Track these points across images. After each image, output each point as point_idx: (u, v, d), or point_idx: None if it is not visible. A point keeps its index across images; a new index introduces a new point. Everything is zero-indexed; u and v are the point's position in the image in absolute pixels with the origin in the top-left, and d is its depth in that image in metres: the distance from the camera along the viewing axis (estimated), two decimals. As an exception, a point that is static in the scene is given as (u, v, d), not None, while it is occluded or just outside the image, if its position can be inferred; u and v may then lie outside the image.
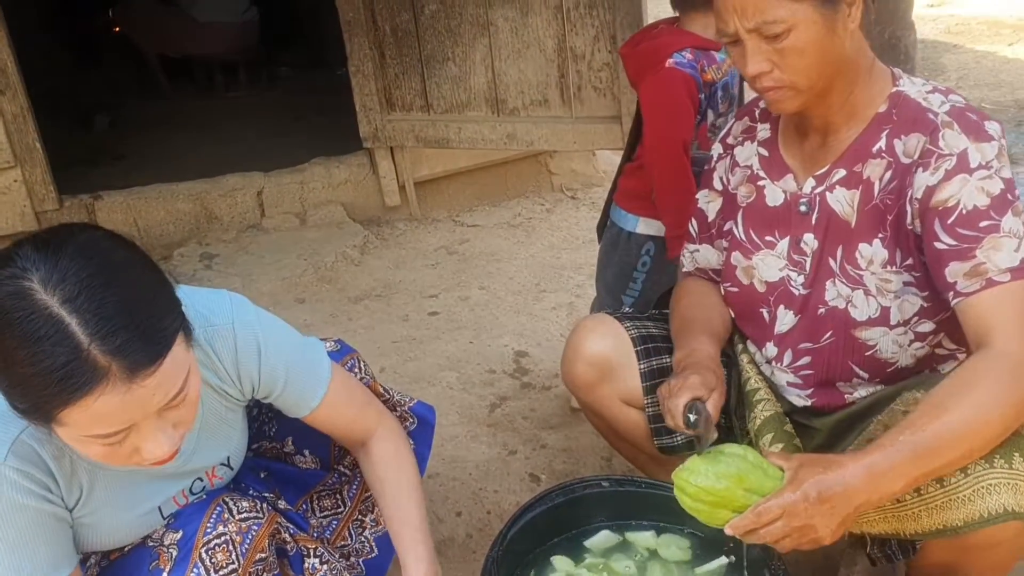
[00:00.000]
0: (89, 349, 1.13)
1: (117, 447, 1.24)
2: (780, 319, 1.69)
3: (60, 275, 1.15)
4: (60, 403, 1.15)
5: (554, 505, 1.69)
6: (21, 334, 1.13)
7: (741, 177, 1.76)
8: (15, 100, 3.44)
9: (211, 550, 1.46)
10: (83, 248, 1.20)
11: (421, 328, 3.25)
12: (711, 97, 2.30)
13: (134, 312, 1.18)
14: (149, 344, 1.18)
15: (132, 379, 1.16)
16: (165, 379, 1.20)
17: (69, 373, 1.13)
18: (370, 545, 1.75)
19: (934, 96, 1.54)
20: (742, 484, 1.43)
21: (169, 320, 1.23)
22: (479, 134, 3.71)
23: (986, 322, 1.44)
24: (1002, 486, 1.39)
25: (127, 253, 1.24)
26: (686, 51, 2.22)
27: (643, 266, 2.44)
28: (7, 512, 1.29)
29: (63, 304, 1.14)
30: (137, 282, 1.22)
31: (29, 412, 1.21)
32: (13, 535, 1.30)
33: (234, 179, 3.98)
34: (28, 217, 3.59)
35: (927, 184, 1.48)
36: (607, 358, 1.89)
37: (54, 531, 1.35)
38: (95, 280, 1.16)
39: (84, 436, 1.21)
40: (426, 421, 1.81)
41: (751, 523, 1.40)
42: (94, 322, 1.14)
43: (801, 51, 1.47)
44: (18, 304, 1.14)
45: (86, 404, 1.15)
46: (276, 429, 1.76)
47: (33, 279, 1.15)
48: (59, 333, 1.13)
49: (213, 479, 1.56)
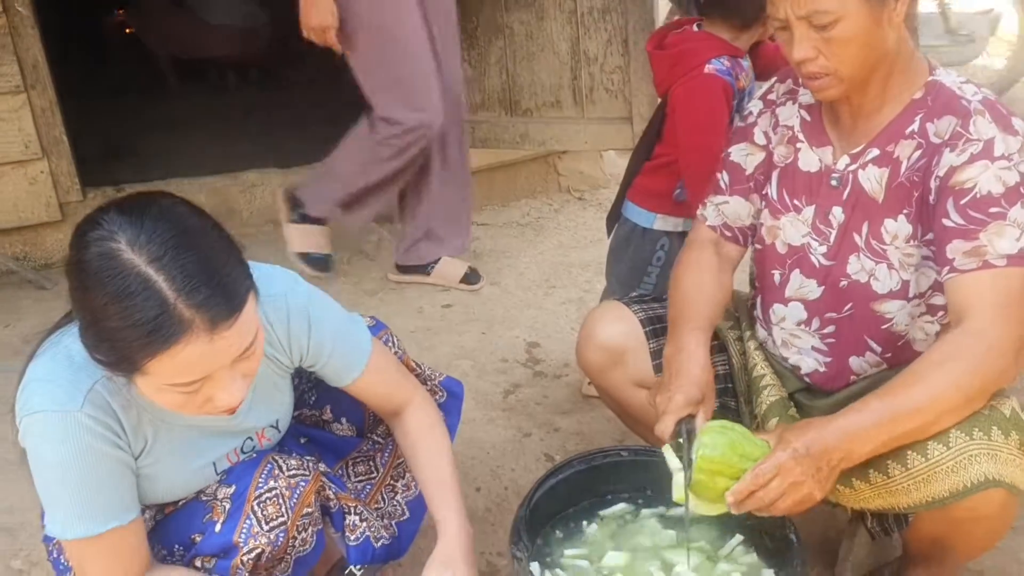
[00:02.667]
0: (175, 303, 1.25)
1: (193, 395, 1.36)
2: (793, 283, 1.79)
3: (146, 237, 1.26)
4: (149, 353, 1.27)
5: (576, 472, 1.80)
6: (112, 291, 1.25)
7: (781, 136, 1.83)
8: (44, 95, 3.54)
9: (263, 503, 1.57)
10: (164, 212, 1.31)
11: (435, 320, 3.36)
12: (740, 103, 2.36)
13: (213, 271, 1.29)
14: (228, 300, 1.30)
15: (213, 331, 1.28)
16: (240, 332, 1.32)
17: (158, 325, 1.25)
18: (402, 508, 1.87)
19: (968, 86, 1.63)
20: (735, 451, 1.54)
21: (243, 279, 1.35)
22: (493, 134, 3.83)
23: (970, 300, 1.54)
24: (982, 456, 1.50)
25: (201, 219, 1.36)
26: (724, 58, 2.29)
27: (658, 260, 2.53)
28: (83, 455, 1.40)
29: (150, 263, 1.25)
30: (214, 244, 1.34)
31: (116, 364, 1.32)
32: (88, 476, 1.41)
33: (252, 175, 4.08)
34: (53, 208, 3.69)
35: (951, 164, 1.57)
36: (618, 343, 2.00)
37: (123, 476, 1.47)
38: (178, 241, 1.28)
39: (165, 385, 1.33)
40: (455, 394, 1.92)
41: (750, 485, 1.51)
42: (179, 279, 1.26)
43: (847, 41, 1.55)
44: (108, 264, 1.25)
45: (173, 353, 1.27)
46: (315, 398, 1.87)
47: (120, 241, 1.26)
48: (148, 290, 1.24)
49: (262, 440, 1.67)
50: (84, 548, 1.46)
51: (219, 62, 6.63)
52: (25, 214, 3.65)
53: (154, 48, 6.66)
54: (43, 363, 1.44)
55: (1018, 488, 1.53)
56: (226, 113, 6.10)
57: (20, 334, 3.24)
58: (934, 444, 1.52)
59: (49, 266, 3.79)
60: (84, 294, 1.29)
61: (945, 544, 1.74)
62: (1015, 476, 1.52)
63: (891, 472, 1.57)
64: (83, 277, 1.28)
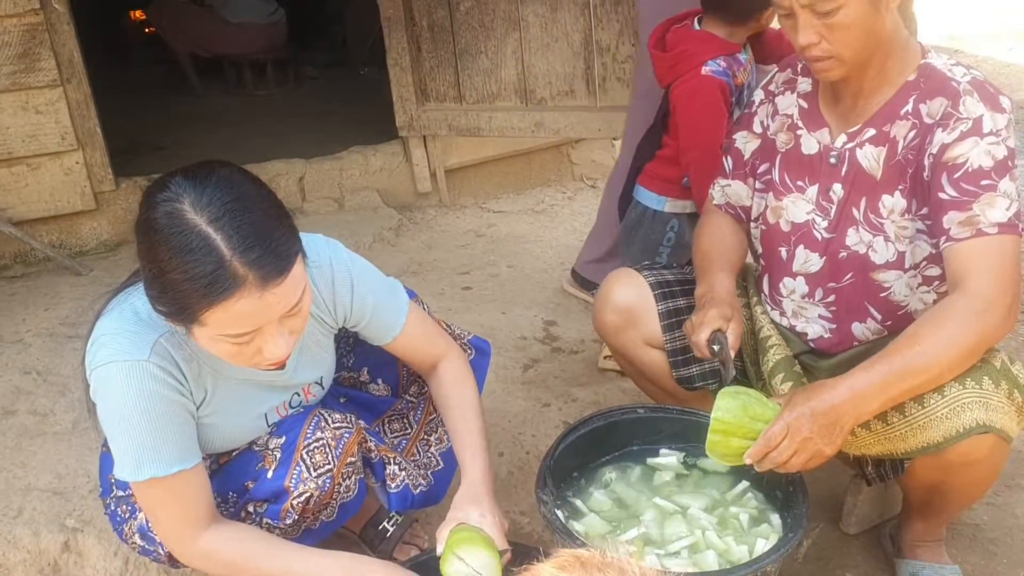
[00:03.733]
0: (231, 260, 1.38)
1: (244, 347, 1.49)
2: (799, 258, 1.91)
3: (207, 200, 1.40)
4: (205, 305, 1.40)
5: (595, 428, 1.93)
6: (175, 247, 1.38)
7: (780, 124, 1.96)
8: (79, 88, 3.69)
9: (311, 452, 1.71)
10: (224, 179, 1.45)
11: (456, 301, 3.49)
12: (739, 97, 2.50)
13: (266, 233, 1.43)
14: (278, 259, 1.43)
15: (264, 287, 1.41)
16: (288, 290, 1.45)
17: (215, 279, 1.38)
18: (436, 459, 2.00)
19: (957, 68, 1.75)
20: (747, 412, 1.67)
21: (292, 242, 1.48)
22: (509, 123, 3.97)
23: (966, 266, 1.65)
24: (974, 404, 1.63)
25: (256, 186, 1.50)
26: (720, 59, 2.41)
27: (668, 241, 2.68)
28: (150, 401, 1.53)
29: (209, 223, 1.39)
30: (268, 209, 1.47)
31: (176, 314, 1.46)
32: (155, 421, 1.54)
33: (278, 165, 4.24)
34: (88, 197, 3.84)
35: (943, 142, 1.69)
36: (631, 305, 2.13)
37: (186, 422, 1.60)
38: (235, 205, 1.41)
39: (219, 335, 1.46)
40: (483, 351, 2.06)
41: (763, 447, 1.64)
42: (235, 239, 1.39)
43: (848, 27, 1.66)
44: (172, 222, 1.39)
45: (227, 306, 1.40)
46: (353, 361, 2.01)
47: (184, 202, 1.40)
48: (207, 247, 1.38)
49: (308, 395, 1.81)
50: (153, 489, 1.58)
51: (237, 59, 6.77)
52: (61, 203, 3.81)
53: (174, 46, 6.80)
54: (111, 319, 1.58)
55: (1007, 433, 1.66)
56: (245, 108, 6.27)
57: (59, 317, 3.38)
58: (930, 393, 1.65)
59: (84, 253, 3.94)
60: (151, 249, 1.43)
61: (941, 490, 1.85)
62: (1004, 422, 1.65)
63: (890, 420, 1.70)
64: (151, 233, 1.42)
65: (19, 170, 3.69)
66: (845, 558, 2.13)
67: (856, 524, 2.18)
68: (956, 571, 1.99)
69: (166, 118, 5.90)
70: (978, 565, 2.09)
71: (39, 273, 3.79)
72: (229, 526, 1.67)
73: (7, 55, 3.51)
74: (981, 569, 2.08)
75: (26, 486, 2.38)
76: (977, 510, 2.23)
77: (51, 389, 2.87)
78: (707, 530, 1.72)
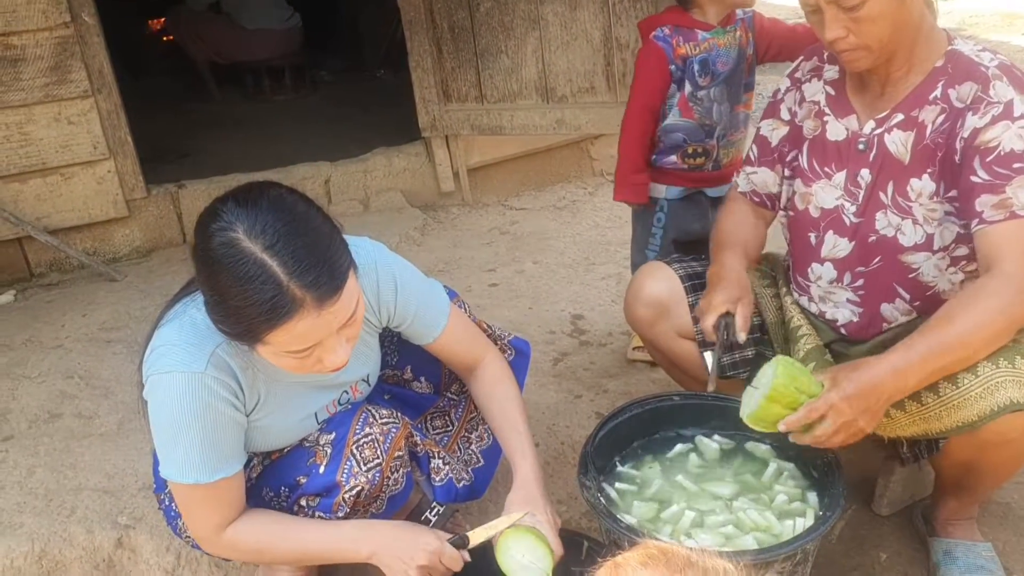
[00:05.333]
0: (289, 285, 1.43)
1: (305, 359, 1.55)
2: (828, 243, 1.95)
3: (260, 227, 1.44)
4: (267, 328, 1.46)
5: (633, 415, 1.99)
6: (234, 276, 1.44)
7: (808, 111, 2.00)
8: (110, 98, 3.77)
9: (360, 447, 1.77)
10: (274, 202, 1.49)
11: (483, 297, 3.55)
12: (686, 70, 2.56)
13: (319, 253, 1.47)
14: (332, 278, 1.48)
15: (321, 306, 1.47)
16: (344, 305, 1.51)
17: (274, 305, 1.43)
18: (477, 456, 2.06)
19: (984, 54, 1.78)
20: (793, 383, 1.71)
21: (344, 258, 1.53)
22: (530, 121, 4.02)
23: (999, 248, 1.69)
24: (1008, 383, 1.66)
25: (306, 205, 1.54)
26: (666, 27, 2.56)
27: (658, 222, 2.78)
28: (203, 413, 1.60)
29: (265, 251, 1.43)
30: (318, 229, 1.51)
31: (240, 335, 1.52)
32: (206, 432, 1.61)
33: (304, 168, 4.30)
34: (120, 205, 3.92)
35: (975, 126, 1.72)
36: (662, 298, 2.18)
37: (235, 433, 1.67)
38: (288, 229, 1.46)
39: (281, 352, 1.52)
40: (522, 352, 2.11)
41: (803, 418, 1.69)
42: (291, 263, 1.44)
43: (874, 19, 1.70)
44: (229, 252, 1.44)
45: (288, 328, 1.46)
46: (397, 359, 2.06)
47: (239, 231, 1.44)
48: (264, 274, 1.43)
49: (356, 393, 1.88)
50: (193, 492, 1.66)
51: (255, 65, 6.83)
52: (94, 211, 3.89)
53: (192, 54, 6.86)
54: (170, 329, 1.64)
55: None
56: (264, 113, 6.33)
57: (97, 322, 3.46)
58: (963, 373, 1.69)
59: (117, 260, 4.02)
60: (210, 277, 1.48)
61: (975, 469, 1.89)
62: None
63: (925, 400, 1.74)
64: (208, 263, 1.47)
65: (53, 180, 3.77)
66: (878, 538, 2.18)
67: (888, 506, 2.23)
68: (988, 548, 2.03)
69: (187, 126, 5.95)
70: (1010, 542, 2.14)
71: (75, 280, 3.87)
72: (248, 514, 1.74)
73: (40, 68, 3.59)
74: (1013, 546, 2.13)
75: (77, 486, 2.45)
76: (1008, 488, 2.27)
77: (94, 392, 2.95)
78: (747, 510, 1.77)
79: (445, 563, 1.70)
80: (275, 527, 1.73)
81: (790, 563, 1.65)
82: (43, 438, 2.68)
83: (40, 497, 2.40)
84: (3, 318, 3.55)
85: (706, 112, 2.60)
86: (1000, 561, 2.02)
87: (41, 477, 2.49)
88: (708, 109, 2.60)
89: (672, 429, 2.01)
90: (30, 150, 3.70)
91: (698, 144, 2.64)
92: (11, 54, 3.55)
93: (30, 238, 3.77)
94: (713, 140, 2.64)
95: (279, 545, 1.73)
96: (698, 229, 2.77)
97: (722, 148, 2.67)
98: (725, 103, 2.61)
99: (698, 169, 2.69)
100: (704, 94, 2.59)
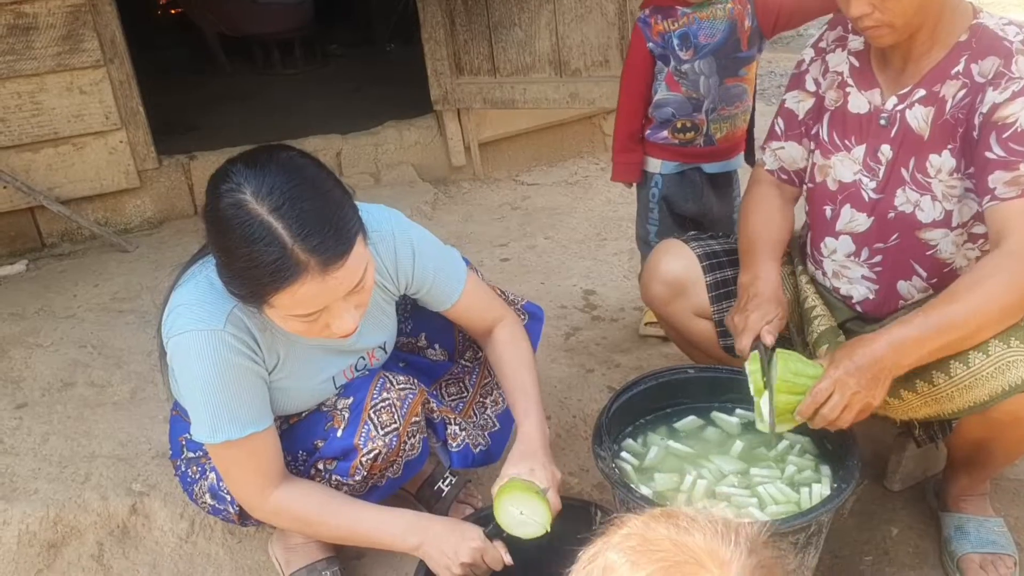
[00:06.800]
0: (293, 248, 1.43)
1: (313, 323, 1.55)
2: (844, 217, 1.94)
3: (268, 188, 1.44)
4: (271, 290, 1.47)
5: (648, 387, 1.99)
6: (240, 236, 1.44)
7: (831, 81, 1.98)
8: (121, 68, 3.76)
9: (378, 411, 1.78)
10: (284, 165, 1.49)
11: (495, 272, 3.54)
12: (666, 45, 2.57)
13: (326, 217, 1.47)
14: (338, 243, 1.48)
15: (326, 271, 1.46)
16: (350, 270, 1.51)
17: (278, 267, 1.44)
18: (492, 420, 2.07)
19: (1010, 28, 1.76)
20: (788, 368, 1.72)
21: (352, 224, 1.52)
22: (543, 94, 4.00)
23: (1009, 224, 1.67)
24: (1019, 362, 1.65)
25: (317, 169, 1.54)
26: (647, 9, 2.60)
27: (653, 197, 2.79)
28: (226, 368, 1.61)
29: (271, 212, 1.43)
30: (327, 193, 1.51)
31: (246, 297, 1.53)
32: (230, 387, 1.62)
33: (315, 141, 4.28)
34: (132, 175, 3.91)
35: (994, 101, 1.70)
36: (679, 277, 2.17)
37: (259, 387, 1.67)
38: (295, 192, 1.45)
39: (288, 315, 1.53)
40: (536, 316, 2.12)
41: (812, 403, 1.69)
42: (296, 227, 1.44)
43: None
44: (236, 212, 1.44)
45: (292, 291, 1.46)
46: (412, 327, 2.07)
47: (246, 192, 1.44)
48: (269, 235, 1.43)
49: (372, 359, 1.88)
50: (228, 451, 1.66)
51: (265, 38, 6.81)
52: (106, 181, 3.89)
53: (201, 26, 6.85)
54: (187, 290, 1.65)
55: None
56: (274, 86, 6.31)
57: (109, 292, 3.47)
58: (975, 353, 1.67)
59: (129, 230, 4.02)
60: (218, 238, 1.49)
61: (986, 447, 1.89)
62: None
63: (936, 381, 1.73)
64: (217, 223, 1.48)
65: (65, 150, 3.77)
66: (890, 513, 2.19)
67: (900, 481, 2.23)
68: (1000, 523, 2.03)
69: (196, 98, 5.94)
70: (1021, 518, 2.14)
71: (86, 250, 3.88)
72: (299, 484, 1.75)
73: (52, 37, 3.58)
74: (1024, 522, 2.14)
75: (91, 453, 2.46)
76: (1020, 465, 2.27)
77: (107, 362, 2.96)
78: (764, 483, 1.77)
79: (488, 562, 1.71)
80: (328, 501, 1.74)
81: (804, 534, 1.65)
82: (56, 406, 2.70)
83: (54, 464, 2.41)
84: (16, 287, 3.56)
85: (692, 85, 2.59)
86: (1012, 536, 2.02)
87: (55, 444, 2.50)
88: (695, 82, 2.59)
89: (687, 401, 2.02)
90: (42, 119, 3.69)
91: (686, 119, 2.64)
92: (23, 22, 3.54)
93: (42, 208, 3.78)
94: (701, 114, 2.63)
95: (328, 520, 1.73)
96: (693, 209, 2.78)
97: (712, 122, 2.65)
98: (714, 76, 2.58)
99: (689, 144, 2.68)
100: (688, 67, 2.58)
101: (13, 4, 3.50)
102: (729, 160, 2.76)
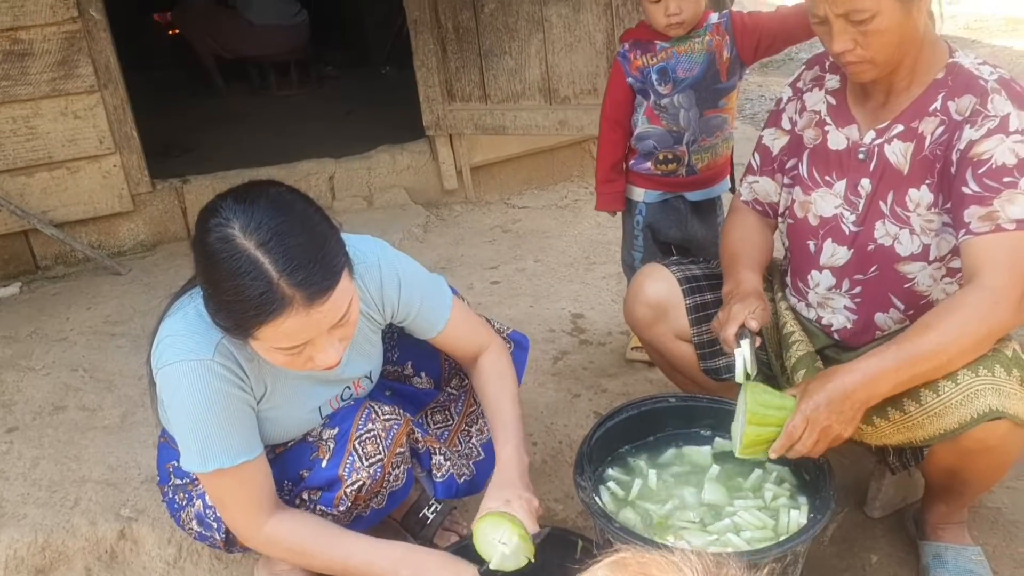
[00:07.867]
0: (279, 283, 1.46)
1: (296, 356, 1.58)
2: (826, 251, 1.98)
3: (256, 224, 1.47)
4: (256, 323, 1.50)
5: (629, 416, 2.01)
6: (227, 270, 1.47)
7: (808, 120, 2.02)
8: (116, 93, 3.81)
9: (362, 442, 1.81)
10: (273, 201, 1.53)
11: (485, 295, 3.58)
12: (645, 80, 2.62)
13: (312, 253, 1.50)
14: (323, 279, 1.50)
15: (311, 305, 1.49)
16: (335, 305, 1.53)
17: (263, 301, 1.46)
18: (477, 449, 2.10)
19: (984, 67, 1.80)
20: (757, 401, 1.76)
21: (338, 259, 1.55)
22: (533, 121, 4.05)
23: (981, 260, 1.71)
24: (987, 391, 1.69)
25: (304, 205, 1.57)
26: (626, 43, 2.66)
27: (638, 225, 2.84)
28: (216, 397, 1.63)
29: (258, 247, 1.47)
30: (314, 229, 1.54)
31: (231, 329, 1.56)
32: (220, 416, 1.64)
33: (308, 165, 4.33)
34: (125, 199, 3.95)
35: (971, 138, 1.74)
36: (662, 300, 2.21)
37: (249, 416, 1.70)
38: (283, 227, 1.49)
39: (272, 348, 1.56)
40: (521, 345, 2.14)
41: (787, 440, 1.73)
42: (282, 262, 1.47)
43: (882, 33, 1.71)
44: (224, 247, 1.47)
45: (276, 324, 1.49)
46: (398, 355, 2.10)
47: (235, 227, 1.48)
48: (255, 270, 1.46)
49: (358, 388, 1.91)
50: (221, 480, 1.68)
51: (261, 60, 6.86)
52: (100, 205, 3.93)
53: (198, 48, 6.89)
54: (176, 320, 1.67)
55: (1020, 419, 1.71)
56: (269, 108, 6.36)
57: (102, 315, 3.50)
58: (944, 382, 1.71)
59: (122, 253, 4.06)
60: (205, 270, 1.52)
61: (959, 475, 1.91)
62: (1017, 408, 1.70)
63: (907, 409, 1.76)
64: (205, 256, 1.51)
65: (59, 174, 3.81)
66: (870, 541, 2.21)
67: (880, 508, 2.26)
68: (978, 552, 2.05)
69: (192, 120, 5.98)
70: (999, 546, 2.16)
71: (79, 273, 3.91)
72: (292, 513, 1.77)
73: (47, 62, 3.63)
74: (1002, 550, 2.15)
75: (80, 478, 2.48)
76: (998, 493, 2.30)
77: (98, 385, 2.98)
78: (741, 512, 1.80)
79: None
80: (323, 532, 1.74)
81: (780, 564, 1.68)
82: (47, 430, 2.72)
83: (44, 488, 2.43)
84: (9, 310, 3.59)
85: (672, 119, 2.63)
86: (989, 565, 2.04)
87: (45, 468, 2.52)
88: (675, 116, 2.63)
89: (668, 430, 2.04)
90: (37, 144, 3.73)
91: (668, 150, 2.68)
92: (19, 48, 3.58)
93: (36, 231, 3.81)
94: (683, 146, 2.67)
95: (322, 552, 1.73)
96: (677, 235, 2.83)
97: (694, 153, 2.69)
98: (693, 109, 2.62)
99: (672, 174, 2.73)
100: (668, 101, 2.62)
101: (9, 30, 3.55)
102: (712, 187, 2.80)
